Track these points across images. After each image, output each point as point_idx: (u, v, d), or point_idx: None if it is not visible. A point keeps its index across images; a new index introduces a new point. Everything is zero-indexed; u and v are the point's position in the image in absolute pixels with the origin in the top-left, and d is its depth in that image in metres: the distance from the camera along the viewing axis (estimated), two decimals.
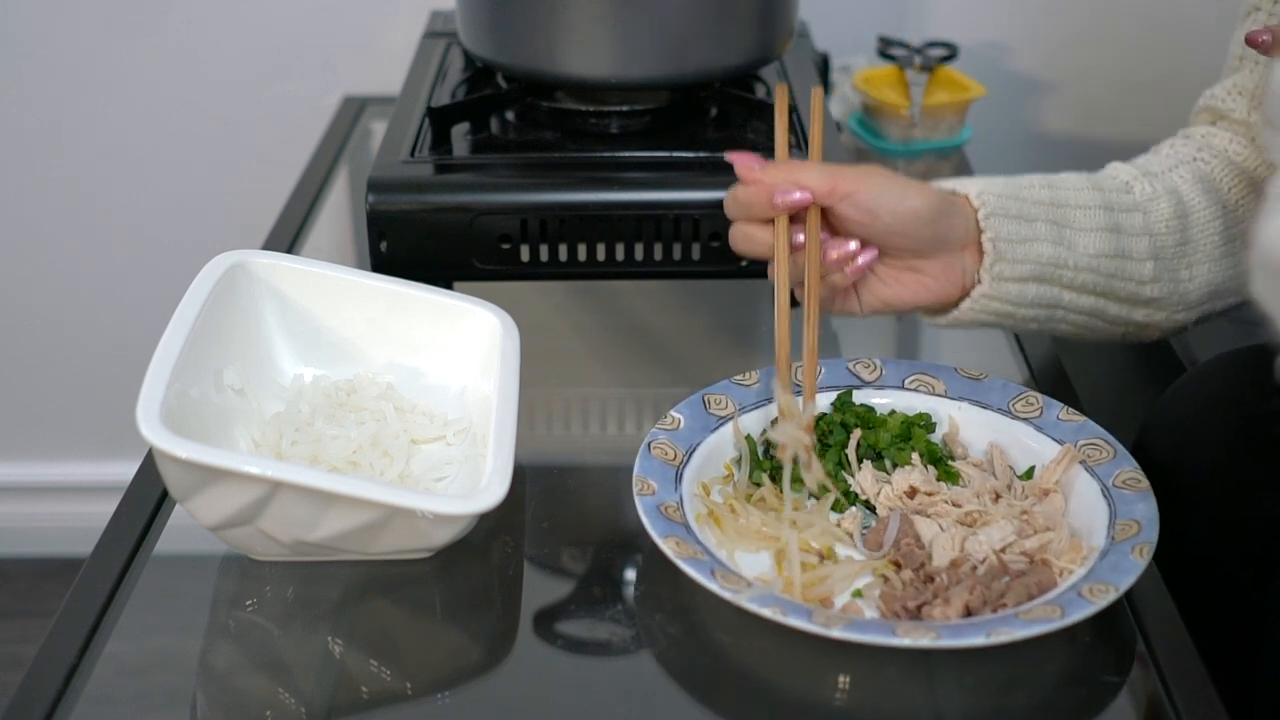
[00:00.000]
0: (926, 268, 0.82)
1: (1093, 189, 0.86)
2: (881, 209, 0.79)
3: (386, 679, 0.71)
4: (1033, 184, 0.85)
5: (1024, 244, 0.82)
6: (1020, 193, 0.84)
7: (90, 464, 1.81)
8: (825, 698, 0.70)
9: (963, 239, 0.82)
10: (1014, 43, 1.55)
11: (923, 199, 0.79)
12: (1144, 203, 0.87)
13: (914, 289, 0.83)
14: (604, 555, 0.80)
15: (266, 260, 0.85)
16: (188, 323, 0.77)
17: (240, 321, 0.84)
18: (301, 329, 0.87)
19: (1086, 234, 0.84)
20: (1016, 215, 0.82)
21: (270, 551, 0.75)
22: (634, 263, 0.98)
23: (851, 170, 0.79)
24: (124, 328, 1.71)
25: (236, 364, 0.82)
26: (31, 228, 1.67)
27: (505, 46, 1.03)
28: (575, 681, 0.71)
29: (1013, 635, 0.66)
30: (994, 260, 0.82)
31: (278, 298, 0.86)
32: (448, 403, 0.86)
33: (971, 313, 0.84)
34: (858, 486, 0.80)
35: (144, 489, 0.84)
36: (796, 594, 0.72)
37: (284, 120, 1.58)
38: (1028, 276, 0.83)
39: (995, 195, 0.83)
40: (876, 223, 0.79)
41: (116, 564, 0.78)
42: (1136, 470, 0.78)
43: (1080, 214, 0.85)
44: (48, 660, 0.71)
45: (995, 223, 0.82)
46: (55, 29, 1.56)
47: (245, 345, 0.84)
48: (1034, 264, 0.82)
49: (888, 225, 0.79)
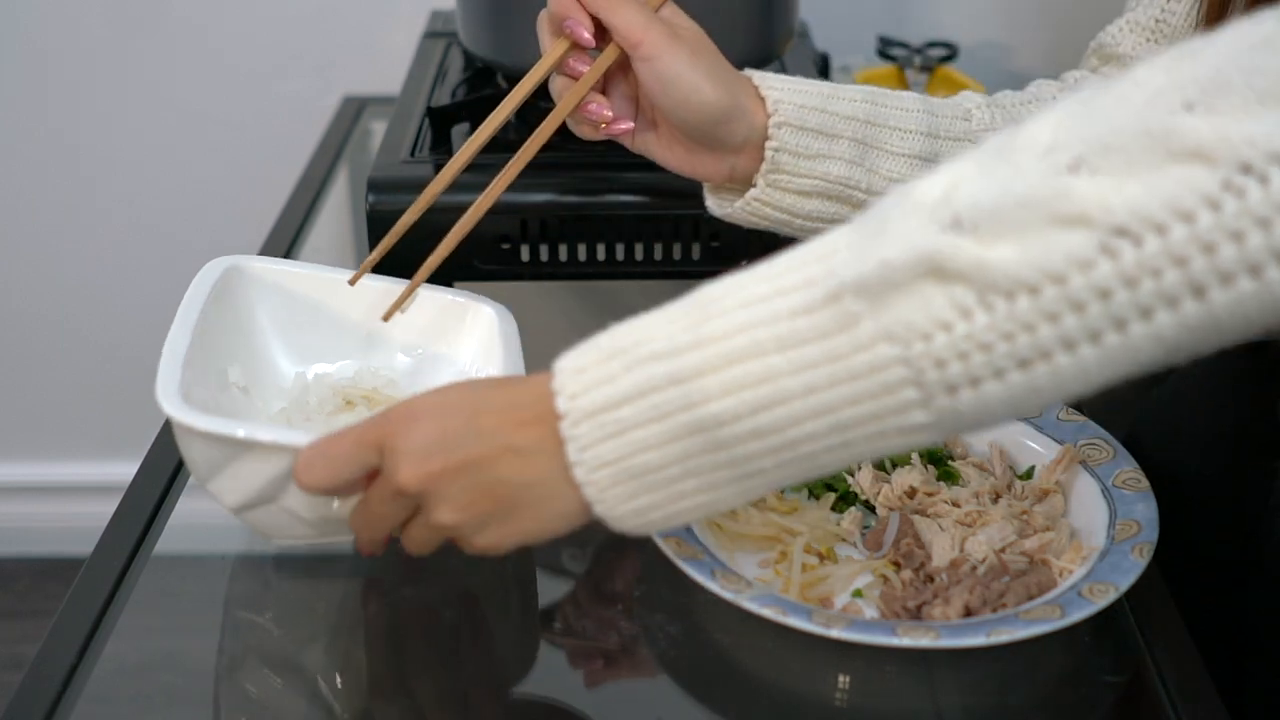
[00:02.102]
0: (698, 149, 0.79)
1: (924, 113, 0.80)
2: (673, 89, 0.75)
3: (387, 679, 0.71)
4: (854, 97, 0.79)
5: (812, 159, 0.78)
6: (830, 105, 0.78)
7: (90, 464, 1.81)
8: (825, 698, 0.70)
9: (740, 144, 0.78)
10: (1014, 43, 1.55)
11: (718, 96, 0.75)
12: (976, 132, 0.81)
13: (679, 160, 0.80)
14: (604, 555, 0.80)
15: (260, 264, 0.86)
16: (190, 323, 0.77)
17: (238, 324, 0.84)
18: (299, 330, 0.87)
19: (894, 158, 0.79)
20: (815, 128, 0.77)
21: (294, 533, 0.73)
22: (634, 263, 0.98)
23: (669, 34, 0.75)
24: (124, 328, 1.71)
25: (238, 364, 0.82)
26: (31, 228, 1.67)
27: (505, 46, 1.03)
28: (575, 681, 0.71)
29: (1013, 635, 0.66)
30: (770, 169, 0.78)
31: (274, 300, 0.86)
32: None
33: (744, 213, 0.80)
34: (858, 486, 0.80)
35: (144, 489, 0.84)
36: (796, 594, 0.72)
37: (284, 120, 1.58)
38: (809, 191, 0.79)
39: (795, 105, 0.77)
40: (662, 97, 0.76)
41: (116, 564, 0.78)
42: (1136, 470, 0.78)
43: (895, 136, 0.79)
44: (48, 660, 0.70)
45: (784, 133, 0.77)
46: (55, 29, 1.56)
47: (245, 346, 0.84)
48: (819, 180, 0.78)
49: (672, 105, 0.76)
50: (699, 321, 0.56)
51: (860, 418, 0.54)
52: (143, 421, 0.97)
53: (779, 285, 0.54)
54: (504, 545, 0.62)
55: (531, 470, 0.60)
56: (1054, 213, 0.49)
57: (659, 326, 0.57)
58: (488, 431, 0.60)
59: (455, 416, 0.61)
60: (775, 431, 0.55)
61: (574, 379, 0.58)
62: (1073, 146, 0.49)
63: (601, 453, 0.58)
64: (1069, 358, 0.50)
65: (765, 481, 0.57)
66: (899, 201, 0.53)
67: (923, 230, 0.51)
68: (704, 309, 0.56)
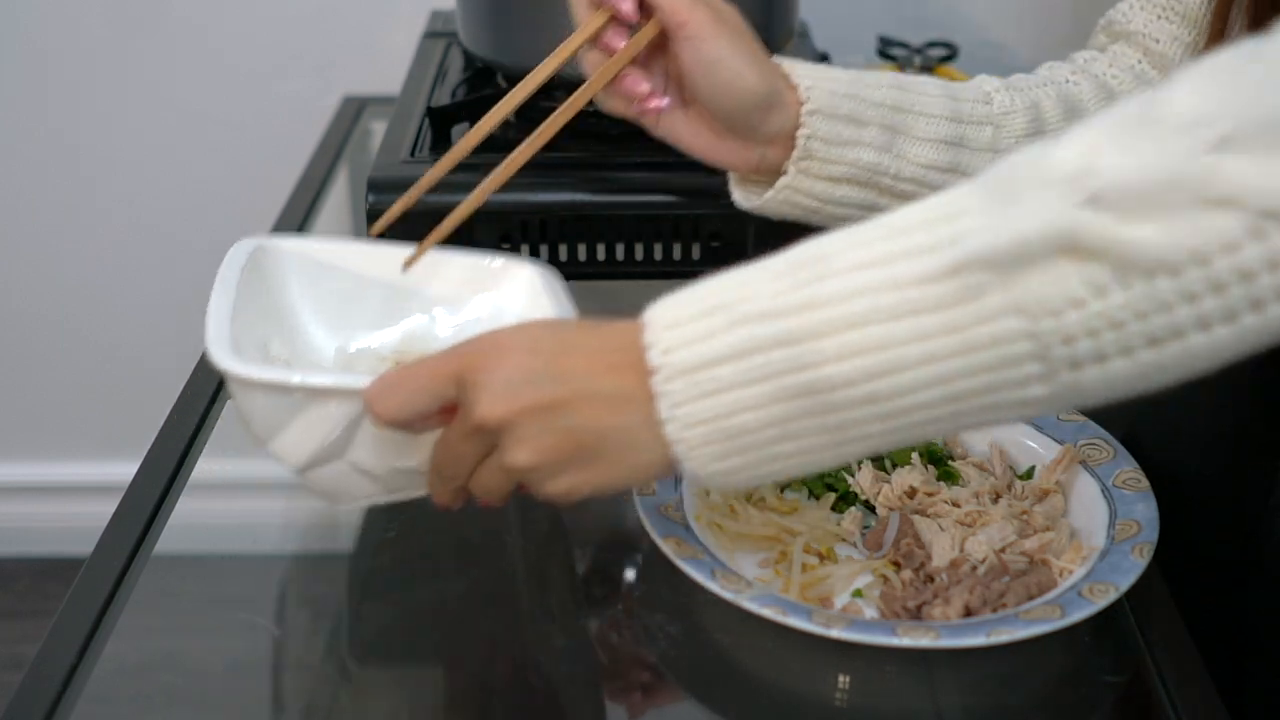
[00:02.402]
0: (729, 136, 0.78)
1: (946, 98, 0.80)
2: (715, 73, 0.74)
3: (387, 679, 0.71)
4: (880, 84, 0.79)
5: (844, 146, 0.77)
6: (860, 91, 0.78)
7: (90, 464, 1.81)
8: (825, 698, 0.70)
9: (773, 134, 0.77)
10: (1014, 42, 1.55)
11: (758, 83, 0.75)
12: (998, 116, 0.81)
13: (705, 145, 0.78)
14: (604, 555, 0.80)
15: (288, 243, 0.83)
16: (230, 292, 0.74)
17: (271, 301, 0.81)
18: (334, 304, 0.84)
19: (922, 144, 0.79)
20: (846, 116, 0.77)
21: (361, 491, 0.70)
22: (634, 263, 0.98)
23: (714, 16, 0.74)
24: (124, 328, 1.71)
25: (277, 339, 0.79)
26: (31, 228, 1.67)
27: (505, 46, 1.04)
28: (575, 681, 0.71)
29: (1013, 635, 0.66)
30: (801, 156, 0.77)
31: (304, 277, 0.83)
32: None
33: (776, 202, 0.79)
34: (857, 486, 0.80)
35: (144, 489, 0.84)
36: (796, 594, 0.72)
37: (284, 120, 1.58)
38: (840, 177, 0.78)
39: (827, 91, 0.77)
40: (703, 80, 0.75)
41: (116, 564, 0.77)
42: (1136, 470, 0.78)
43: (922, 122, 0.79)
44: (48, 660, 0.70)
45: (816, 120, 0.76)
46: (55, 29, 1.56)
47: (280, 323, 0.81)
48: (850, 166, 0.78)
49: (712, 90, 0.75)
50: (810, 281, 0.54)
51: (976, 389, 0.52)
52: (143, 421, 0.97)
53: (900, 247, 0.53)
54: (578, 493, 0.60)
55: (617, 418, 0.57)
56: (1202, 194, 0.48)
57: (762, 284, 0.55)
58: (574, 374, 0.58)
59: (540, 354, 0.58)
60: (888, 399, 0.53)
61: (668, 333, 0.56)
62: (1220, 122, 0.48)
63: (696, 411, 0.55)
64: (1203, 337, 0.50)
65: (866, 447, 0.56)
66: (1030, 169, 0.51)
67: (1060, 204, 0.49)
68: (814, 268, 0.54)
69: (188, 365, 0.93)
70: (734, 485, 0.58)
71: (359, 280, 0.83)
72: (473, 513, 0.83)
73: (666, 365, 0.56)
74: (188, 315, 1.06)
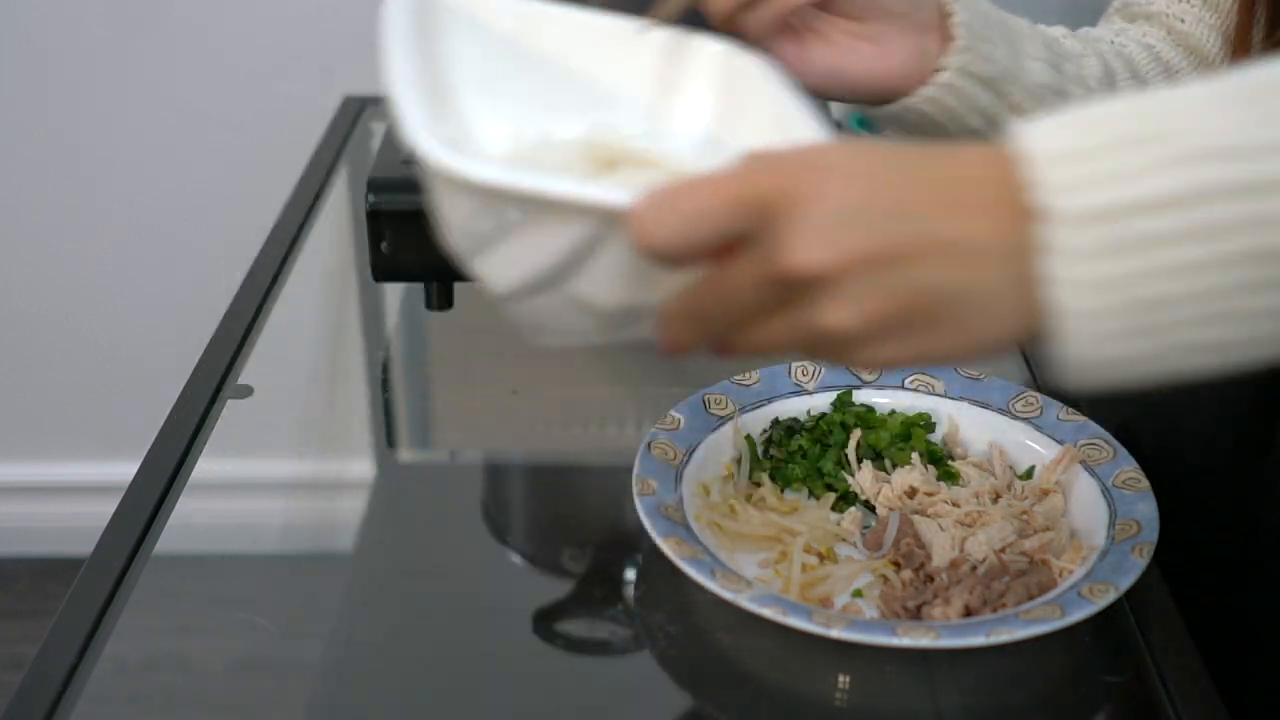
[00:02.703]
0: (885, 36, 0.70)
1: (1033, 28, 0.76)
2: None
3: (387, 679, 0.71)
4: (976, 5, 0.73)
5: (988, 43, 0.71)
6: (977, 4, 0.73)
7: (90, 464, 1.82)
8: (825, 698, 0.70)
9: (929, 11, 0.71)
10: None
11: None
12: (1075, 56, 0.78)
13: (869, 59, 0.70)
14: (604, 555, 0.80)
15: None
16: (409, 57, 0.60)
17: (433, 74, 0.64)
18: (503, 78, 0.67)
19: (1033, 62, 0.74)
20: (983, 12, 0.72)
21: (574, 328, 0.55)
22: None
23: None
24: (124, 328, 1.72)
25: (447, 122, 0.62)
26: (31, 228, 1.67)
27: None
28: (575, 681, 0.71)
29: (1013, 635, 0.66)
30: (964, 48, 0.70)
31: (466, 43, 0.66)
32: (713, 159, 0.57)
33: (923, 101, 0.71)
34: (858, 486, 0.80)
35: (144, 489, 0.84)
36: (796, 594, 0.72)
37: (284, 120, 1.58)
38: (986, 78, 0.72)
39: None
40: None
41: (116, 564, 0.77)
42: (1136, 470, 0.78)
43: (1028, 43, 0.75)
44: (48, 660, 0.70)
45: (966, 6, 0.71)
46: (55, 29, 1.56)
47: (442, 100, 0.63)
48: (995, 65, 0.72)
49: None
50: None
51: None
52: (143, 421, 0.97)
53: None
54: (903, 363, 0.47)
55: (972, 276, 0.44)
56: None
57: (1209, 115, 0.43)
58: (917, 213, 0.45)
59: (882, 184, 0.45)
60: None
61: (1065, 167, 0.43)
62: None
63: (1104, 272, 0.43)
64: None
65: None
66: None
67: None
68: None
69: (188, 365, 0.93)
70: (1113, 379, 0.46)
71: (535, 54, 0.67)
72: (473, 512, 0.83)
73: (1069, 209, 0.43)
74: (188, 315, 1.06)
